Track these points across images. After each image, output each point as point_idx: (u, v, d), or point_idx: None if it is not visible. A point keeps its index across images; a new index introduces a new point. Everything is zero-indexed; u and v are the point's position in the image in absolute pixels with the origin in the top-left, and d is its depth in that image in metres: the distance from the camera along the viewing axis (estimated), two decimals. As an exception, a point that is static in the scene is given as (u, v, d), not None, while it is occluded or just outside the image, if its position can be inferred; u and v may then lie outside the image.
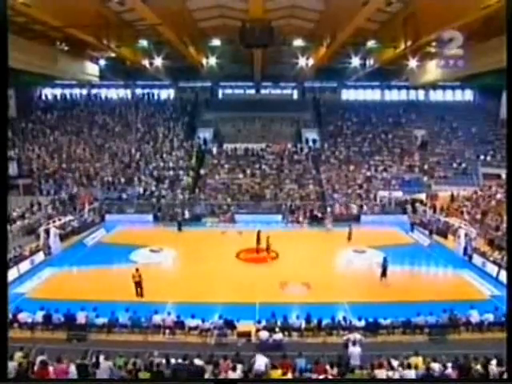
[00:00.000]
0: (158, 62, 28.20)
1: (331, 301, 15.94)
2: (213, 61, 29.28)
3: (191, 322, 13.67)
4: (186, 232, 26.54)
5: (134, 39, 25.01)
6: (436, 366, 10.23)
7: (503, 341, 12.56)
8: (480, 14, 17.02)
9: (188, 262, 21.10)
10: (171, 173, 33.36)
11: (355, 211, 29.91)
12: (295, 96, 45.40)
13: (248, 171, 33.98)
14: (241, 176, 33.65)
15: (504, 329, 13.25)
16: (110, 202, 30.51)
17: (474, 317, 13.94)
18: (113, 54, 27.54)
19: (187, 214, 29.16)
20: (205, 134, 38.51)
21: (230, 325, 13.44)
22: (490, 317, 13.87)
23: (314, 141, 37.70)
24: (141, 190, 31.43)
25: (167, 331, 13.66)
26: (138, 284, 16.27)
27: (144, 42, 25.39)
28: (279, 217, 29.63)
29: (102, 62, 32.37)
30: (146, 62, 29.86)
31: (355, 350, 11.21)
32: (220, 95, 45.41)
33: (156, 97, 43.96)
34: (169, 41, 24.82)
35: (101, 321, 13.74)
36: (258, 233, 22.53)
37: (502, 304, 15.08)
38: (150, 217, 29.45)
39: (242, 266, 20.50)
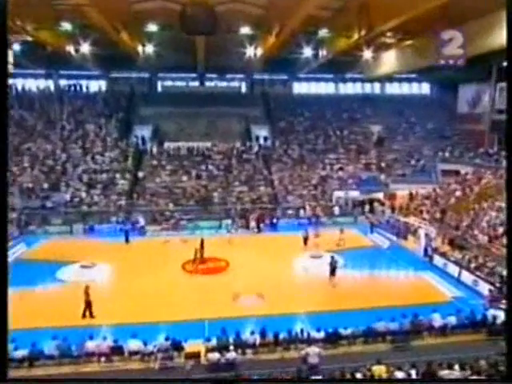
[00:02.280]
0: (86, 48, 27.12)
1: (288, 312, 16.06)
2: (150, 49, 28.64)
3: (131, 346, 13.21)
4: (122, 243, 25.71)
5: (54, 21, 23.90)
6: (399, 375, 10.59)
7: (467, 344, 13.51)
8: (436, 4, 18.04)
9: (126, 277, 20.43)
10: (104, 176, 32.23)
11: (310, 213, 30.59)
12: (243, 89, 45.70)
13: (193, 173, 33.65)
14: (185, 178, 33.24)
15: (467, 332, 14.39)
16: (30, 211, 28.91)
17: (437, 320, 14.60)
18: (30, 38, 26.13)
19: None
20: (143, 131, 37.70)
21: (176, 346, 13.15)
22: (453, 319, 14.59)
23: (265, 138, 38.13)
24: (68, 197, 30.10)
25: (103, 359, 13.12)
26: (89, 304, 15.64)
27: (67, 25, 24.33)
28: (228, 222, 29.61)
29: (17, 47, 30.55)
30: (70, 49, 28.62)
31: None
32: (159, 88, 44.69)
33: (84, 89, 42.36)
34: (97, 24, 23.99)
35: (20, 353, 12.83)
36: (202, 241, 22.42)
37: (464, 305, 16.00)
38: (80, 227, 28.25)
39: (188, 279, 20.21)
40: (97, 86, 43.19)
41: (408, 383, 9.42)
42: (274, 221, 29.77)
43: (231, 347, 13.00)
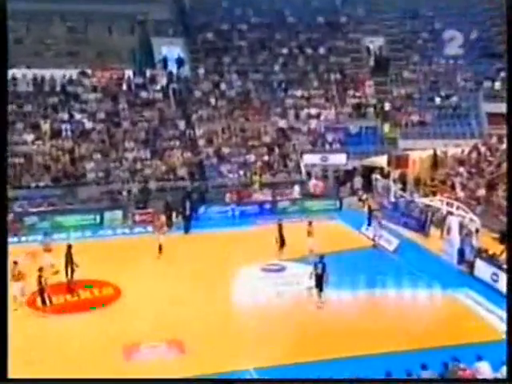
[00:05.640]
0: None
1: (225, 369, 16.09)
2: None
3: None
4: None
5: None
6: None
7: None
8: None
9: None
10: None
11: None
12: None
13: (45, 127, 32.98)
14: (29, 138, 32.57)
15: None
16: None
17: (484, 372, 14.98)
18: None
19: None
20: None
21: None
22: (512, 371, 15.10)
23: (179, 62, 37.70)
24: None
25: None
26: None
27: None
28: (118, 215, 29.52)
29: None
30: None
31: None
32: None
33: None
34: None
35: None
36: (69, 252, 22.26)
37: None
38: None
39: (40, 323, 19.93)
40: None
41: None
42: (200, 209, 29.89)
43: None
